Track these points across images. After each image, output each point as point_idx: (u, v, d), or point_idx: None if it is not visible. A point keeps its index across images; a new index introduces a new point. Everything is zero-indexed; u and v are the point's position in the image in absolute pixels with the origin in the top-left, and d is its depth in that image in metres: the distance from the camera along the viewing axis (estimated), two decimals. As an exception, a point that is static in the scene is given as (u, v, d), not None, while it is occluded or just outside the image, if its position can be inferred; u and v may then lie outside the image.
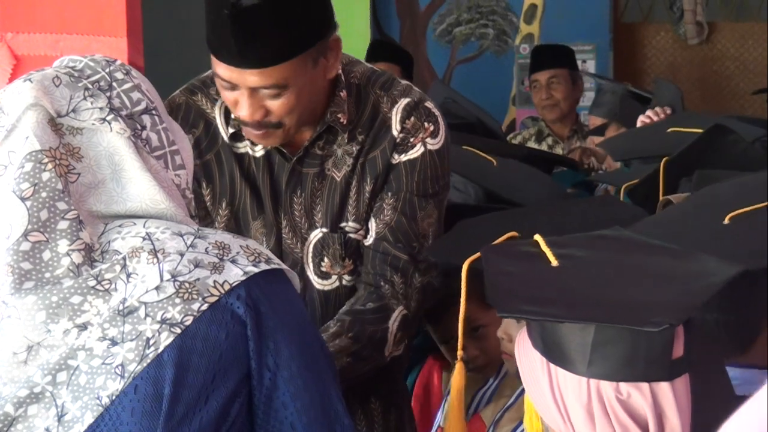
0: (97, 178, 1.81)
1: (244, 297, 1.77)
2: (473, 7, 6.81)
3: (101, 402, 1.73)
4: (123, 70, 1.87)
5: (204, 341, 1.75)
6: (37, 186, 1.76)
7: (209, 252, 1.78)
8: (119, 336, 1.74)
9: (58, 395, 1.74)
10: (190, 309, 1.74)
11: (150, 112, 1.87)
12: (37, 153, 1.77)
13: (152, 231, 1.79)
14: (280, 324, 1.80)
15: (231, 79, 2.38)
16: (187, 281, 1.75)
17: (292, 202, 2.55)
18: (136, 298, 1.75)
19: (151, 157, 1.84)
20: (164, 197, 1.82)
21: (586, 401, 1.73)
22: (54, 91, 1.81)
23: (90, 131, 1.82)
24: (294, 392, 1.80)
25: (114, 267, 1.75)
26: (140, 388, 1.73)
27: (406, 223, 2.54)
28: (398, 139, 2.53)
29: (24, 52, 2.84)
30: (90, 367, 1.74)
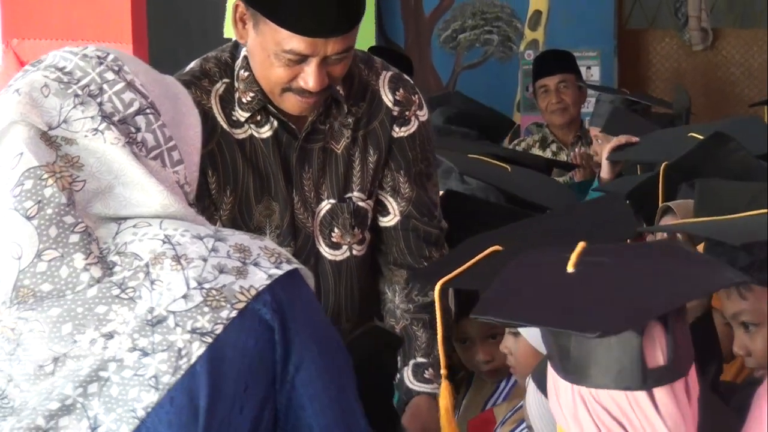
0: (102, 183, 1.78)
1: (270, 302, 1.75)
2: (478, 14, 6.82)
3: (137, 414, 1.71)
4: (114, 68, 1.82)
5: (234, 349, 1.73)
6: (41, 203, 1.73)
7: (231, 256, 1.76)
8: (150, 347, 1.72)
9: (90, 407, 1.72)
10: (219, 317, 1.72)
11: (144, 112, 1.83)
12: (35, 169, 1.74)
13: (170, 233, 1.76)
14: (302, 326, 1.78)
15: (309, 51, 2.44)
16: (214, 288, 1.73)
17: (301, 177, 2.61)
18: (164, 308, 1.72)
19: (148, 159, 1.81)
20: (173, 200, 1.79)
21: (572, 405, 1.75)
22: (43, 103, 1.77)
23: (84, 141, 1.78)
24: (312, 394, 1.78)
25: (137, 274, 1.73)
26: (176, 400, 1.71)
27: (424, 196, 2.66)
28: (395, 112, 2.64)
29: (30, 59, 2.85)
30: (121, 378, 1.72)
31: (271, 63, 2.48)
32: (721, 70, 7.22)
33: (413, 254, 2.67)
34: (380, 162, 2.64)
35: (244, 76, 2.59)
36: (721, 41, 7.21)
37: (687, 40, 7.16)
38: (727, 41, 7.22)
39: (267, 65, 2.50)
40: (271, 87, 2.53)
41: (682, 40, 7.18)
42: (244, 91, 2.58)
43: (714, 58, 7.22)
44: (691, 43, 7.15)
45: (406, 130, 2.65)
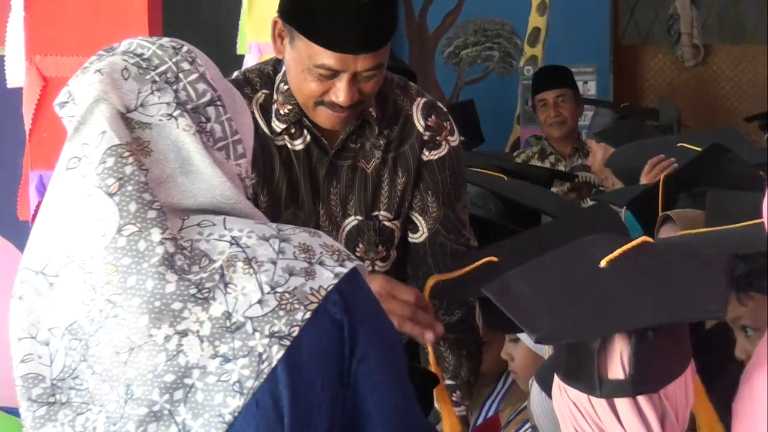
0: (165, 172, 1.76)
1: (338, 301, 1.74)
2: (479, 31, 6.81)
3: (224, 419, 1.70)
4: (189, 59, 1.81)
5: (310, 349, 1.72)
6: (122, 180, 1.72)
7: (297, 257, 1.75)
8: (231, 353, 1.70)
9: (177, 413, 1.71)
10: (295, 320, 1.71)
11: (215, 104, 1.82)
12: (116, 147, 1.73)
13: (237, 235, 1.75)
14: (365, 321, 1.77)
15: (340, 67, 2.44)
16: (287, 291, 1.72)
17: (329, 192, 2.60)
18: (242, 314, 1.71)
19: (215, 149, 1.80)
20: (234, 192, 1.78)
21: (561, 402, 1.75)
22: (123, 85, 1.75)
23: (158, 126, 1.77)
24: (372, 385, 1.76)
25: (213, 276, 1.72)
26: (261, 403, 1.70)
27: (452, 216, 2.65)
28: (426, 137, 2.63)
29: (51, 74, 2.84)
30: (205, 384, 1.71)
31: (304, 77, 2.48)
32: (712, 84, 7.22)
33: (440, 270, 2.63)
34: (409, 184, 2.63)
35: (283, 89, 2.58)
36: (712, 57, 7.20)
37: (679, 56, 7.15)
38: (718, 57, 7.21)
39: (301, 79, 2.49)
40: (305, 100, 2.53)
41: (674, 56, 7.18)
42: (282, 104, 2.57)
43: (705, 73, 7.21)
44: (684, 58, 7.15)
45: (436, 154, 2.64)
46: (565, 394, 1.74)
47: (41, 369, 1.77)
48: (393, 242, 2.64)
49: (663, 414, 1.71)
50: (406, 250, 2.67)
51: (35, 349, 1.77)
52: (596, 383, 1.70)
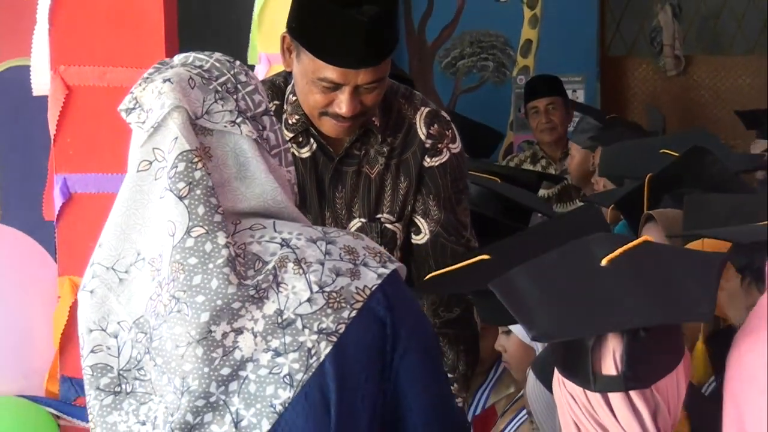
0: (223, 177, 1.77)
1: (381, 299, 1.75)
2: (475, 42, 6.81)
3: (275, 409, 1.71)
4: (244, 72, 1.83)
5: (355, 345, 1.73)
6: (191, 185, 1.72)
7: (343, 258, 1.76)
8: (282, 347, 1.72)
9: (231, 403, 1.72)
10: (341, 317, 1.72)
11: (268, 114, 1.83)
12: (187, 153, 1.73)
13: (287, 237, 1.76)
14: (406, 318, 1.78)
15: (341, 80, 2.44)
16: (334, 291, 1.73)
17: (334, 197, 2.60)
18: (292, 311, 1.72)
19: (271, 156, 1.81)
20: (285, 198, 1.79)
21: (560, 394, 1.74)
22: (190, 93, 1.76)
23: (220, 133, 1.77)
24: (412, 379, 1.77)
25: (267, 277, 1.73)
26: (310, 395, 1.71)
27: (453, 218, 2.64)
28: (427, 144, 2.62)
29: (75, 83, 2.84)
30: (258, 376, 1.72)
31: (309, 89, 2.48)
32: (693, 93, 7.21)
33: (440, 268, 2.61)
34: (411, 189, 2.62)
35: (291, 100, 2.59)
36: (693, 67, 7.20)
37: (662, 66, 7.15)
38: (698, 67, 7.21)
39: (306, 91, 2.50)
40: (310, 110, 2.53)
41: (657, 66, 7.17)
42: (290, 114, 2.58)
43: (686, 83, 7.21)
44: (666, 68, 7.14)
45: (437, 160, 2.63)
46: (564, 387, 1.74)
47: (109, 360, 1.77)
48: (395, 244, 2.63)
49: (655, 408, 1.70)
50: (409, 251, 2.67)
51: (105, 341, 1.78)
52: (591, 378, 1.69)
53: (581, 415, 1.71)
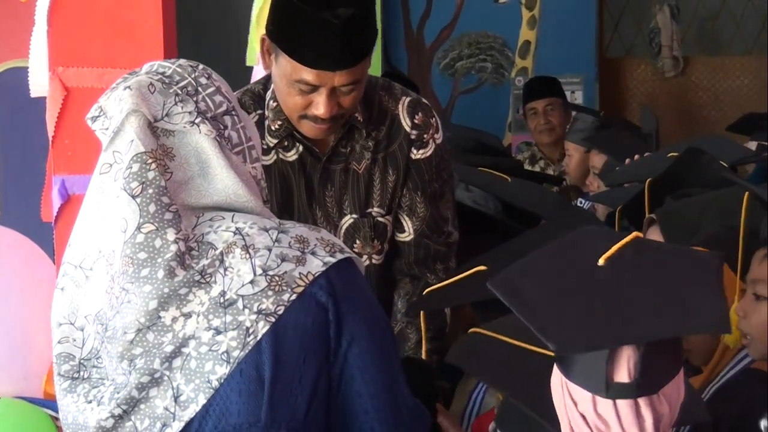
0: (186, 175, 1.84)
1: (325, 286, 1.80)
2: (473, 44, 6.81)
3: (212, 384, 1.77)
4: (205, 75, 1.90)
5: (294, 327, 1.78)
6: (144, 184, 1.79)
7: (292, 246, 1.81)
8: (222, 326, 1.77)
9: (174, 378, 1.78)
10: (281, 300, 1.78)
11: (230, 113, 1.89)
12: (142, 155, 1.80)
13: (241, 226, 1.82)
14: (353, 307, 1.82)
15: (318, 82, 2.44)
16: (277, 274, 1.78)
17: (324, 195, 2.62)
18: (234, 292, 1.78)
19: (233, 153, 1.87)
20: (246, 191, 1.85)
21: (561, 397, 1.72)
22: (150, 98, 1.84)
23: (181, 133, 1.84)
24: (362, 366, 1.82)
25: (214, 262, 1.79)
26: (244, 371, 1.77)
27: (436, 213, 2.66)
28: (413, 135, 2.63)
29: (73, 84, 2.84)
30: (199, 353, 1.78)
31: (288, 91, 2.50)
32: (691, 94, 7.21)
33: (420, 267, 2.68)
34: (399, 181, 2.64)
35: (272, 106, 2.60)
36: (691, 68, 7.19)
37: (660, 67, 7.15)
38: (696, 68, 7.21)
39: (285, 93, 2.51)
40: (290, 113, 2.54)
41: (655, 67, 7.17)
42: (273, 120, 2.60)
43: (684, 84, 7.21)
44: (664, 69, 7.14)
45: (423, 153, 2.64)
46: (566, 391, 1.72)
47: (73, 350, 1.86)
48: (386, 236, 2.66)
49: (659, 413, 1.70)
50: (394, 242, 2.69)
51: (72, 333, 1.86)
52: (604, 386, 1.69)
53: (580, 422, 1.71)
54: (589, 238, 1.82)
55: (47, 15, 2.81)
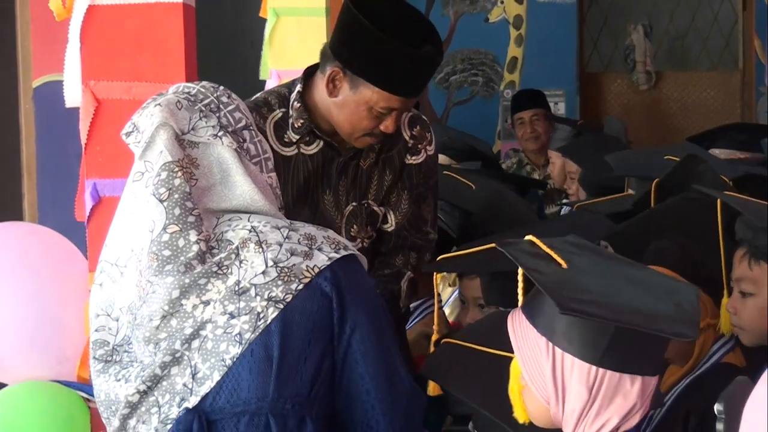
0: (209, 182, 1.88)
1: (329, 277, 1.84)
2: (466, 60, 6.80)
3: (225, 363, 1.81)
4: (226, 95, 1.95)
5: (301, 314, 1.82)
6: (171, 190, 1.83)
7: (301, 242, 1.85)
8: (236, 311, 1.81)
9: (192, 358, 1.81)
10: (290, 288, 1.81)
11: (248, 128, 1.94)
12: (170, 164, 1.85)
13: (256, 225, 1.86)
14: (355, 297, 1.86)
15: (398, 106, 2.54)
16: (287, 266, 1.82)
17: (338, 185, 2.68)
18: (248, 281, 1.82)
19: (251, 163, 1.91)
20: (261, 197, 1.89)
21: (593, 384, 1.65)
22: (177, 113, 1.88)
23: (205, 145, 1.89)
24: (363, 350, 1.85)
25: (230, 255, 1.83)
26: (255, 352, 1.81)
27: (417, 213, 2.74)
28: (410, 144, 2.71)
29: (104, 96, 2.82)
30: (215, 335, 1.81)
31: (362, 116, 2.55)
32: (663, 105, 7.20)
33: (396, 250, 2.75)
34: (394, 181, 2.70)
35: (296, 107, 2.64)
36: (662, 82, 7.19)
37: (635, 81, 7.14)
38: (667, 82, 7.20)
39: (357, 117, 2.56)
40: (352, 131, 2.60)
41: (631, 81, 7.16)
42: (296, 118, 2.64)
43: (657, 96, 7.20)
44: (638, 83, 7.13)
45: (415, 160, 2.71)
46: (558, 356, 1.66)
47: (108, 337, 1.90)
48: (377, 224, 2.72)
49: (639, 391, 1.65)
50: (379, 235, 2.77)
51: (108, 323, 1.90)
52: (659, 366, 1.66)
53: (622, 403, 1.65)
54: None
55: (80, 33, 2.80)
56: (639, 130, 6.73)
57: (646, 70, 7.09)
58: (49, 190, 4.07)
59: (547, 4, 6.73)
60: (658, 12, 7.12)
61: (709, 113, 7.00)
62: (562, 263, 1.68)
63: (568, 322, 1.64)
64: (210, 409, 1.81)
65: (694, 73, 7.15)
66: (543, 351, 1.66)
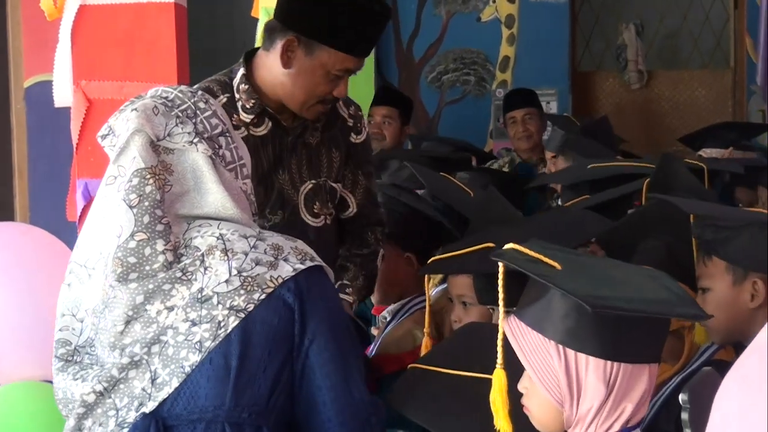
0: (183, 188, 1.87)
1: (293, 288, 1.83)
2: (458, 59, 6.80)
3: (184, 370, 1.80)
4: (203, 100, 1.94)
5: (261, 323, 1.81)
6: (141, 197, 1.82)
7: (267, 252, 1.84)
8: (198, 318, 1.80)
9: (152, 362, 1.81)
10: (252, 298, 1.80)
11: (225, 135, 1.93)
12: (142, 170, 1.84)
13: (224, 232, 1.85)
14: (317, 309, 1.85)
15: (352, 66, 2.57)
16: (250, 276, 1.81)
17: (290, 163, 2.71)
18: (211, 289, 1.81)
19: (226, 170, 1.90)
20: (232, 205, 1.88)
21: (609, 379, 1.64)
22: (153, 119, 1.87)
23: (180, 151, 1.88)
24: (320, 362, 1.85)
25: (195, 262, 1.82)
26: (214, 360, 1.80)
27: (371, 188, 2.81)
28: (350, 123, 2.77)
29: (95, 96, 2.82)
30: (176, 341, 1.81)
31: (318, 81, 2.58)
32: (654, 104, 7.21)
33: (364, 228, 2.79)
34: (342, 159, 2.75)
35: (244, 88, 2.66)
36: (654, 80, 7.19)
37: (627, 80, 7.14)
38: (659, 81, 7.20)
39: (314, 83, 2.59)
40: (306, 100, 2.63)
41: (622, 80, 7.17)
42: (247, 99, 2.66)
43: (648, 95, 7.20)
44: (630, 82, 7.14)
45: (359, 138, 2.79)
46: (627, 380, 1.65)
47: (71, 337, 1.90)
48: (335, 200, 2.76)
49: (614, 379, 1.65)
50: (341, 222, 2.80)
51: (72, 324, 1.90)
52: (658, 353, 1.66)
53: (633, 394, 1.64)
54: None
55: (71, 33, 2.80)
56: (631, 129, 6.73)
57: (637, 69, 7.09)
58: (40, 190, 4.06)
59: (539, 4, 6.73)
60: (650, 11, 7.13)
61: (701, 112, 7.01)
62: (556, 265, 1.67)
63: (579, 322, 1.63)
64: (167, 415, 1.81)
65: (685, 71, 7.16)
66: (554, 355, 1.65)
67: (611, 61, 7.20)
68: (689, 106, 7.12)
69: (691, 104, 7.12)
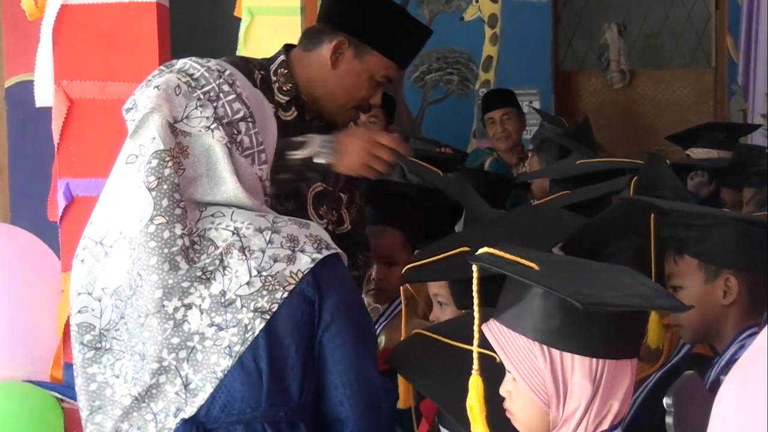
0: (197, 172, 1.86)
1: (311, 281, 1.85)
2: (441, 59, 6.80)
3: (217, 375, 1.82)
4: (229, 81, 1.91)
5: (286, 321, 1.83)
6: (160, 179, 1.82)
7: (283, 246, 1.85)
8: (224, 323, 1.81)
9: (181, 368, 1.82)
10: (275, 298, 1.82)
11: (246, 120, 1.91)
12: (161, 152, 1.83)
13: (239, 226, 1.85)
14: (334, 296, 1.87)
15: (393, 75, 2.64)
16: (270, 275, 1.82)
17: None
18: (234, 292, 1.82)
19: (242, 157, 1.89)
20: (245, 195, 1.88)
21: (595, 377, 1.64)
22: (173, 100, 1.86)
23: (196, 136, 1.86)
24: (333, 347, 1.87)
25: (214, 261, 1.82)
26: (245, 364, 1.82)
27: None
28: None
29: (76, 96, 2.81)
30: (204, 347, 1.82)
31: (362, 85, 2.62)
32: (636, 103, 7.23)
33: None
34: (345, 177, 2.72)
35: (283, 72, 2.68)
36: (636, 80, 7.22)
37: (609, 80, 7.17)
38: (641, 80, 7.23)
39: (357, 87, 2.63)
40: (348, 101, 2.65)
41: (605, 79, 7.19)
42: (284, 83, 2.67)
43: (630, 94, 7.23)
44: (613, 82, 7.16)
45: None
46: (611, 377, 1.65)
47: (93, 320, 1.88)
48: (340, 210, 2.77)
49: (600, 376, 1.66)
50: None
51: (90, 303, 1.88)
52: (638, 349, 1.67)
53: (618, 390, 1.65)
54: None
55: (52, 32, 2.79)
56: (613, 128, 6.76)
57: (620, 69, 7.11)
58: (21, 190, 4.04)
59: (522, 3, 6.74)
60: (632, 11, 7.15)
61: (683, 111, 7.04)
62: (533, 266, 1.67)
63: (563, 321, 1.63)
64: (205, 419, 1.83)
65: (667, 71, 7.18)
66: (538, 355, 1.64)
67: (594, 60, 7.22)
68: (671, 106, 7.15)
69: (673, 103, 7.15)
